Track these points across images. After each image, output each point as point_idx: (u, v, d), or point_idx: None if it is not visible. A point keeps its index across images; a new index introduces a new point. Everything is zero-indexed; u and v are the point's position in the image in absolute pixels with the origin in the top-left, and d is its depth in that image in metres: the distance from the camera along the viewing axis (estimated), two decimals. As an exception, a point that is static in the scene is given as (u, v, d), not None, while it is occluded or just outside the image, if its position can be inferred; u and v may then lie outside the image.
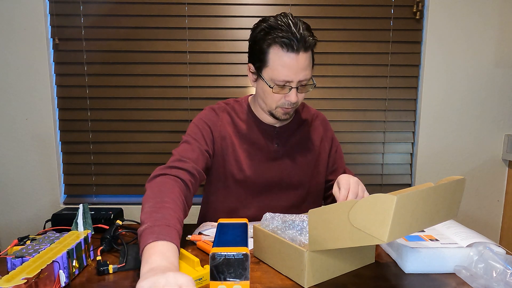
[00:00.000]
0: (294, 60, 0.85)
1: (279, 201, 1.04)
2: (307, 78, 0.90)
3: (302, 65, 0.87)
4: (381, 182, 1.78)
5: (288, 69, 0.86)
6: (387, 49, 1.70)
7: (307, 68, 0.88)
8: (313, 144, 1.08)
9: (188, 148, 0.94)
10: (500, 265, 0.64)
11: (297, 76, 0.87)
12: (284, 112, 0.95)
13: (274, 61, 0.87)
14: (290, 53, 0.85)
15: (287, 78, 0.87)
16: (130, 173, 1.74)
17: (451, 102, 1.72)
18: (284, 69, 0.86)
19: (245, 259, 0.57)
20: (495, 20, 1.67)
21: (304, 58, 0.87)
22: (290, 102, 0.91)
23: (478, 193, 1.78)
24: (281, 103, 0.92)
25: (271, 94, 0.91)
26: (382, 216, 0.53)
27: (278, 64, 0.87)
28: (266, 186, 1.03)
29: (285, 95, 0.91)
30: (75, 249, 0.69)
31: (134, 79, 1.68)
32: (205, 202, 1.11)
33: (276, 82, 0.88)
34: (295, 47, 0.85)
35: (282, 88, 0.89)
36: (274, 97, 0.92)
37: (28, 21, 1.61)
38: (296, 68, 0.86)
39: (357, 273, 0.73)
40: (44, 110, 1.66)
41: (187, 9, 1.64)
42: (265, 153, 1.02)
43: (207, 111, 1.03)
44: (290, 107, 0.93)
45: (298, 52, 0.85)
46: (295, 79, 0.88)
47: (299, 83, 0.89)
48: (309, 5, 1.66)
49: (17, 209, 1.72)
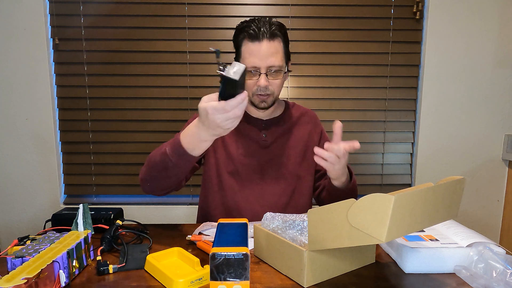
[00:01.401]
0: (258, 47, 0.96)
1: (270, 191, 1.07)
2: (275, 65, 0.97)
3: (267, 51, 0.96)
4: (381, 182, 1.78)
5: (254, 56, 0.96)
6: (387, 49, 1.70)
7: (274, 55, 0.97)
8: (301, 136, 1.12)
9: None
10: (500, 265, 0.64)
11: (263, 62, 0.96)
12: (261, 100, 1.02)
13: (244, 52, 0.99)
14: (255, 42, 0.96)
15: (254, 64, 0.97)
16: (130, 173, 1.74)
17: (451, 102, 1.73)
18: (251, 57, 0.97)
19: (245, 259, 0.57)
20: (495, 20, 1.67)
21: (269, 45, 0.96)
22: (261, 87, 0.98)
23: (478, 193, 1.78)
24: (255, 90, 1.00)
25: (246, 83, 0.99)
26: (380, 216, 0.53)
27: (246, 53, 0.98)
28: (256, 174, 1.08)
29: (257, 81, 0.99)
30: (75, 249, 0.69)
31: (134, 79, 1.68)
32: (202, 199, 1.15)
33: (248, 69, 0.97)
34: (260, 37, 0.96)
35: (253, 75, 0.99)
36: (248, 84, 1.00)
37: (28, 21, 1.61)
38: (261, 55, 0.96)
39: (357, 273, 0.73)
40: (44, 110, 1.66)
41: (187, 9, 1.65)
42: (254, 143, 1.08)
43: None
44: (264, 93, 1.00)
45: (262, 40, 0.96)
46: (262, 65, 0.97)
47: (268, 69, 0.98)
48: (309, 5, 1.66)
49: (17, 209, 1.72)
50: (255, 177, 1.08)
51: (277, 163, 1.08)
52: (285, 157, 1.09)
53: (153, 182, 0.93)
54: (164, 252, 0.77)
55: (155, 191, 0.96)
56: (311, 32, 1.68)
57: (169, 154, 0.83)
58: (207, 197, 1.13)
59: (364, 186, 1.78)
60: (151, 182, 0.93)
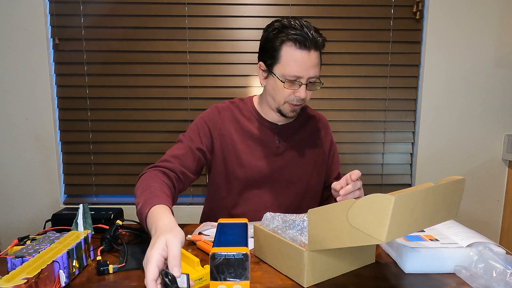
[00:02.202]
0: (306, 56, 0.90)
1: (279, 198, 1.06)
2: (316, 76, 0.94)
3: (313, 62, 0.92)
4: (381, 182, 1.78)
5: (300, 65, 0.91)
6: (387, 49, 1.70)
7: (317, 66, 0.93)
8: (314, 144, 1.10)
9: (178, 147, 1.01)
10: (500, 265, 0.64)
11: (307, 73, 0.92)
12: (292, 109, 0.98)
13: (286, 57, 0.91)
14: (303, 50, 0.90)
15: (298, 74, 0.91)
16: (130, 173, 1.74)
17: (451, 102, 1.72)
18: (296, 65, 0.91)
19: (245, 259, 0.57)
20: (495, 20, 1.67)
21: (315, 56, 0.92)
22: (299, 98, 0.94)
23: (478, 193, 1.78)
24: (290, 99, 0.96)
25: (282, 89, 0.95)
26: (380, 216, 0.53)
27: (290, 60, 0.91)
28: (266, 181, 1.05)
29: (294, 91, 0.94)
30: (75, 249, 0.69)
31: (134, 79, 1.68)
32: (208, 200, 1.13)
33: (288, 78, 0.92)
34: (307, 45, 0.90)
35: (292, 84, 0.93)
36: (284, 93, 0.95)
37: (28, 21, 1.61)
38: (307, 65, 0.91)
39: (357, 273, 0.73)
40: (44, 110, 1.66)
41: (187, 9, 1.64)
42: (267, 149, 1.04)
43: (210, 109, 1.08)
44: (298, 103, 0.97)
45: (310, 50, 0.90)
46: (305, 75, 0.92)
47: (309, 80, 0.93)
48: (309, 5, 1.66)
49: (17, 209, 1.72)
50: (265, 186, 1.05)
51: (289, 171, 1.06)
52: (296, 165, 1.06)
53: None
54: (164, 252, 0.77)
55: None
56: (311, 32, 1.68)
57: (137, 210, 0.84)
58: (213, 203, 1.10)
59: (364, 186, 1.76)
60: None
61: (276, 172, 1.04)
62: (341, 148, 1.75)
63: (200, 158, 1.02)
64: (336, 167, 1.16)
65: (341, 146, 1.74)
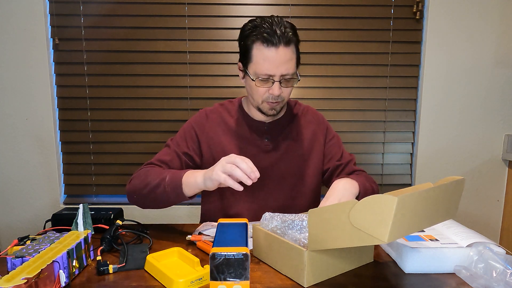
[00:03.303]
0: (274, 53, 0.90)
1: (273, 194, 1.06)
2: (289, 72, 0.93)
3: (283, 59, 0.91)
4: (381, 182, 1.78)
5: (269, 63, 0.91)
6: (387, 49, 1.70)
7: (289, 62, 0.92)
8: (305, 138, 1.09)
9: (164, 152, 1.04)
10: (500, 265, 0.64)
11: (278, 70, 0.91)
12: (270, 107, 0.98)
13: (256, 56, 0.92)
14: (271, 47, 0.90)
15: (269, 72, 0.91)
16: (130, 173, 1.72)
17: (451, 102, 1.73)
18: (265, 63, 0.91)
19: (245, 259, 0.57)
20: (495, 20, 1.67)
21: (285, 52, 0.91)
22: (274, 95, 0.94)
23: (478, 193, 1.78)
24: (266, 97, 0.96)
25: (256, 88, 0.95)
26: (383, 217, 0.53)
27: (260, 58, 0.91)
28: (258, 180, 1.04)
29: (269, 89, 0.94)
30: (75, 249, 0.69)
31: (134, 79, 1.68)
32: (203, 201, 1.14)
33: (259, 76, 0.93)
34: (275, 42, 0.89)
35: (265, 82, 0.94)
36: (259, 91, 0.96)
37: (28, 21, 1.61)
38: (276, 62, 0.90)
39: (357, 273, 0.73)
40: (44, 110, 1.66)
41: (187, 9, 1.65)
42: (256, 148, 1.05)
43: (198, 113, 1.11)
44: (275, 101, 0.96)
45: (278, 47, 0.90)
46: (277, 73, 0.92)
47: (282, 77, 0.93)
48: (309, 5, 1.66)
49: (17, 209, 1.72)
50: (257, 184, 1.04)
51: (280, 167, 1.06)
52: (287, 160, 1.06)
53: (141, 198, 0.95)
54: (164, 252, 0.77)
55: (141, 206, 0.98)
56: (311, 32, 1.68)
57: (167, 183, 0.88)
58: (207, 203, 1.11)
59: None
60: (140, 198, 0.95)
61: (268, 169, 1.05)
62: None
63: (187, 163, 1.04)
64: (335, 149, 1.11)
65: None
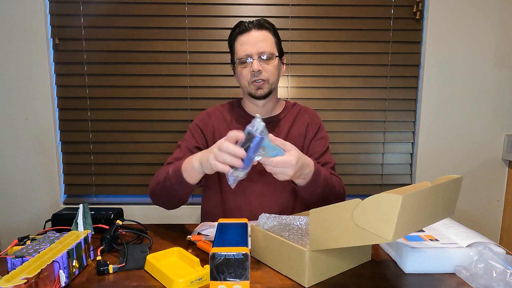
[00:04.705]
0: (247, 36, 1.03)
1: (270, 187, 1.08)
2: (265, 50, 1.02)
3: (257, 38, 1.02)
4: (381, 182, 1.78)
5: (245, 44, 1.02)
6: (387, 49, 1.70)
7: (263, 42, 1.02)
8: (299, 133, 1.12)
9: (177, 151, 1.09)
10: (500, 265, 0.64)
11: (254, 48, 1.01)
12: (256, 87, 1.04)
13: (236, 45, 1.05)
14: (244, 34, 1.03)
15: (246, 52, 1.02)
16: (130, 173, 1.74)
17: (451, 102, 1.73)
18: (242, 46, 1.03)
19: (245, 259, 0.57)
20: (495, 20, 1.67)
21: (257, 33, 1.02)
22: (254, 71, 1.01)
23: (478, 193, 1.78)
24: (250, 78, 1.04)
25: (241, 72, 1.05)
26: (387, 215, 0.53)
27: (238, 45, 1.04)
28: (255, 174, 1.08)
29: (250, 69, 1.02)
30: (75, 249, 0.69)
31: (134, 79, 1.68)
32: (204, 196, 1.16)
33: (240, 59, 1.04)
34: (248, 28, 1.03)
35: (246, 63, 1.03)
36: (243, 74, 1.04)
37: (28, 21, 1.61)
38: (251, 42, 1.02)
39: (357, 273, 0.73)
40: (44, 110, 1.66)
41: (187, 9, 1.64)
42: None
43: (201, 114, 1.18)
44: (258, 78, 1.02)
45: (251, 30, 1.03)
46: (253, 51, 1.01)
47: (260, 55, 1.02)
48: (309, 5, 1.66)
49: (17, 209, 1.72)
50: (254, 177, 1.08)
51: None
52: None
53: (158, 197, 0.98)
54: (164, 252, 0.77)
55: (163, 205, 1.00)
56: (311, 32, 1.68)
57: (170, 174, 0.90)
58: (207, 198, 1.14)
59: (364, 186, 1.78)
60: (158, 197, 0.98)
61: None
62: (341, 148, 1.75)
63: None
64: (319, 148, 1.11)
65: (341, 146, 1.74)
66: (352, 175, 1.77)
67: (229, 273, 0.57)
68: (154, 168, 1.73)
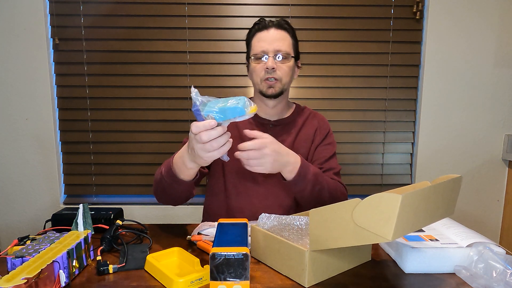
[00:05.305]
0: (266, 33, 1.02)
1: (273, 189, 1.07)
2: (282, 49, 1.01)
3: (274, 37, 1.01)
4: (381, 182, 1.78)
5: (263, 41, 1.01)
6: (387, 49, 1.70)
7: (281, 40, 1.01)
8: (306, 137, 1.11)
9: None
10: (500, 265, 0.64)
11: (271, 46, 1.00)
12: (268, 85, 1.02)
13: (253, 41, 1.04)
14: (263, 31, 1.03)
15: (262, 48, 1.01)
16: (130, 173, 1.74)
17: (451, 102, 1.73)
18: (259, 43, 1.02)
19: (245, 259, 0.57)
20: (495, 20, 1.67)
21: (276, 32, 1.02)
22: (268, 68, 1.00)
23: (478, 193, 1.78)
24: (263, 76, 1.02)
25: (254, 68, 1.03)
26: (387, 215, 0.53)
27: (255, 41, 1.04)
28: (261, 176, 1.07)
29: (265, 66, 1.01)
30: (75, 249, 0.69)
31: (134, 79, 1.68)
32: (207, 195, 1.15)
33: (256, 55, 1.03)
34: (266, 26, 1.03)
35: (261, 60, 1.02)
36: (256, 70, 1.03)
37: (28, 21, 1.61)
38: (268, 39, 1.01)
39: (357, 273, 0.73)
40: (44, 110, 1.66)
41: (187, 9, 1.65)
42: None
43: None
44: (271, 76, 1.01)
45: (269, 29, 1.02)
46: (269, 48, 1.00)
47: (276, 53, 1.01)
48: (309, 5, 1.66)
49: (17, 209, 1.72)
50: (260, 179, 1.07)
51: None
52: None
53: (161, 196, 0.97)
54: (164, 252, 0.77)
55: (166, 203, 0.99)
56: (311, 32, 1.68)
57: (164, 175, 0.88)
58: (211, 198, 1.13)
59: (364, 186, 1.78)
60: (160, 196, 0.97)
61: None
62: (341, 148, 1.75)
63: None
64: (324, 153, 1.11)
65: (341, 146, 1.74)
66: (352, 175, 1.77)
67: (229, 273, 0.57)
68: (154, 168, 1.73)
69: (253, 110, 0.66)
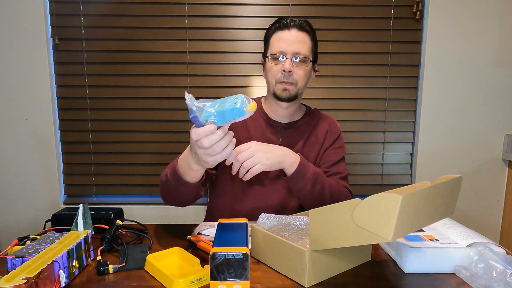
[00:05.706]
0: (287, 33, 0.99)
1: (280, 193, 1.06)
2: (300, 52, 0.98)
3: (295, 38, 0.98)
4: (381, 182, 1.78)
5: (282, 41, 0.99)
6: (387, 49, 1.70)
7: (301, 43, 0.99)
8: (316, 140, 1.10)
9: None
10: (500, 265, 0.64)
11: (290, 47, 0.98)
12: (283, 88, 1.00)
13: (273, 40, 1.02)
14: (284, 30, 1.00)
15: (281, 49, 0.99)
16: (130, 173, 1.74)
17: (451, 102, 1.73)
18: (279, 43, 0.99)
19: (245, 259, 0.57)
20: (495, 20, 1.67)
21: (297, 34, 0.99)
22: (285, 70, 0.98)
23: (478, 193, 1.78)
24: (279, 77, 1.00)
25: (271, 68, 1.01)
26: (387, 215, 0.53)
27: (275, 40, 1.01)
28: (268, 177, 1.06)
29: (282, 68, 0.99)
30: (75, 249, 0.69)
31: (134, 79, 1.68)
32: (211, 197, 1.14)
33: (273, 54, 1.00)
34: (288, 26, 1.00)
35: (278, 60, 1.00)
36: (273, 71, 1.01)
37: (28, 21, 1.61)
38: (288, 40, 0.98)
39: (357, 273, 0.73)
40: (44, 110, 1.66)
41: (187, 9, 1.65)
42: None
43: None
44: (287, 80, 0.99)
45: (291, 29, 0.99)
46: (288, 50, 0.98)
47: (294, 56, 0.98)
48: (309, 5, 1.66)
49: (17, 209, 1.72)
50: (267, 182, 1.06)
51: None
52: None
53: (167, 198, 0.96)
54: (164, 252, 0.77)
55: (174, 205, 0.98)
56: (311, 32, 1.68)
57: (169, 178, 0.87)
58: (217, 199, 1.11)
59: (364, 186, 1.78)
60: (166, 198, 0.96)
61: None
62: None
63: None
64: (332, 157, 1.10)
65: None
66: (352, 175, 1.77)
67: (229, 273, 0.57)
68: (154, 168, 1.73)
69: (253, 108, 0.66)
